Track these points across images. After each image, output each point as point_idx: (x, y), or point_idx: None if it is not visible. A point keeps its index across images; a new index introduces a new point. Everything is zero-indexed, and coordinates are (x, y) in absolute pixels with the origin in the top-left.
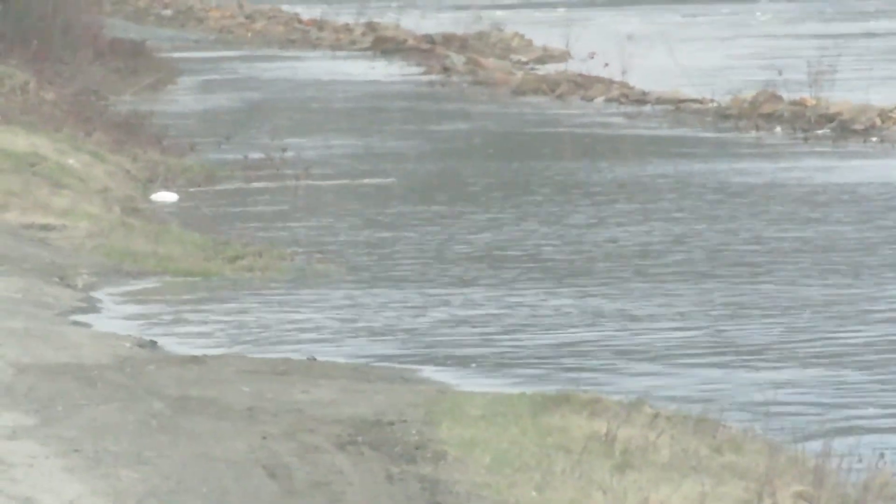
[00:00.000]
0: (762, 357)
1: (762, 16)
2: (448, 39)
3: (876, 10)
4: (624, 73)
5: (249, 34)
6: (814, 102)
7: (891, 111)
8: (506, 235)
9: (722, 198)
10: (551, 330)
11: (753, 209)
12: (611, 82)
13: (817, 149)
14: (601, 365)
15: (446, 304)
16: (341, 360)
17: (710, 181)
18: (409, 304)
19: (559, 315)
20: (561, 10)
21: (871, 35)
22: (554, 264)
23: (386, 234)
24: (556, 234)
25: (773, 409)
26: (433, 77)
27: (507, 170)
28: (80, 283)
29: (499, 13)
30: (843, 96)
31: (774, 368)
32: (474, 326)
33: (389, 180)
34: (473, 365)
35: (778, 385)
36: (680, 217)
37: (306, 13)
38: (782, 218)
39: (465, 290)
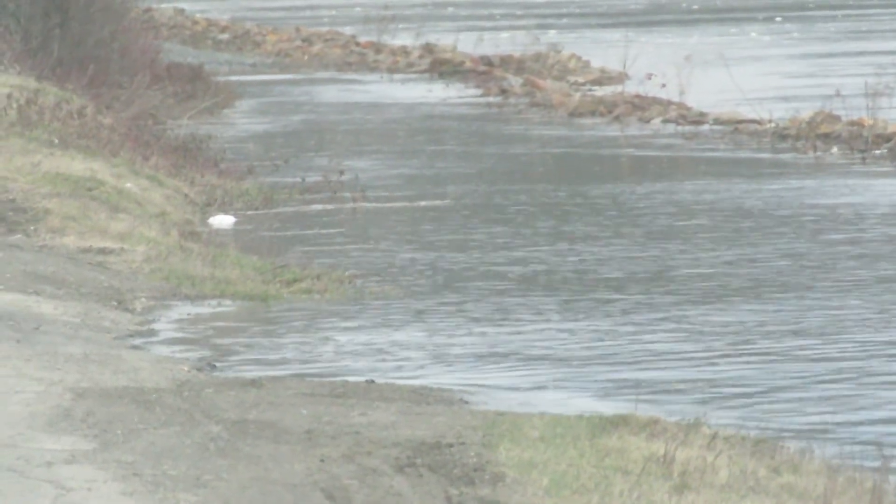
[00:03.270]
0: None
1: (758, 36)
2: (505, 61)
3: (871, 29)
4: (682, 93)
5: (306, 57)
6: (870, 122)
7: None
8: (567, 258)
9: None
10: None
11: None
12: (668, 103)
13: (874, 168)
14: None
15: (500, 326)
16: (400, 382)
17: (779, 202)
18: (467, 328)
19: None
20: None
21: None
22: (616, 287)
23: (441, 257)
24: (618, 255)
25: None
26: (490, 99)
27: (563, 192)
28: (138, 306)
29: (551, 33)
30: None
31: None
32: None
33: (446, 202)
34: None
35: None
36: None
37: (363, 35)
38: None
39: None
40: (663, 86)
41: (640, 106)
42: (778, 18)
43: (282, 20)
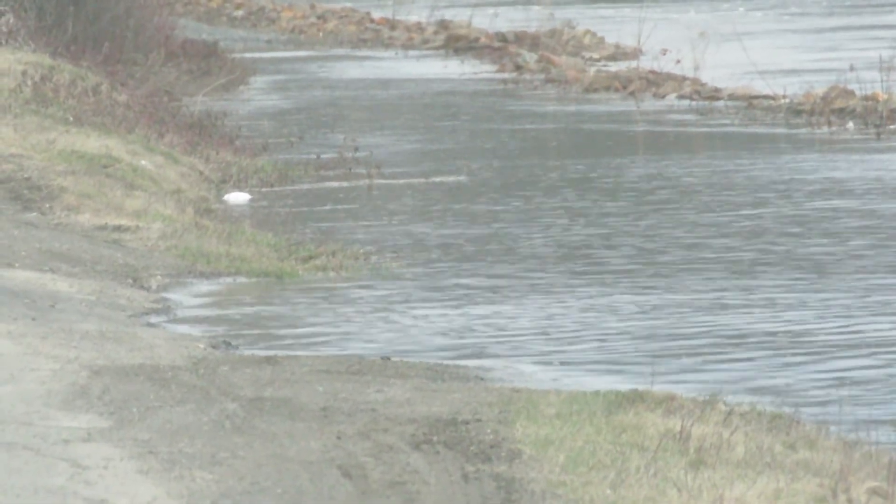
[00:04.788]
0: None
1: (745, 11)
2: (520, 37)
3: (867, 3)
4: (696, 69)
5: (321, 34)
6: (885, 97)
7: None
8: (585, 232)
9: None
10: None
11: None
12: (683, 79)
13: (890, 143)
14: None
15: (522, 304)
16: (416, 359)
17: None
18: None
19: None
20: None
21: None
22: (630, 263)
23: (458, 232)
24: (633, 231)
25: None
26: (505, 75)
27: (579, 167)
28: (153, 284)
29: (564, 9)
30: None
31: None
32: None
33: (461, 178)
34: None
35: None
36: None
37: (378, 12)
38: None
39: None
40: (678, 62)
41: (655, 82)
42: None
43: None
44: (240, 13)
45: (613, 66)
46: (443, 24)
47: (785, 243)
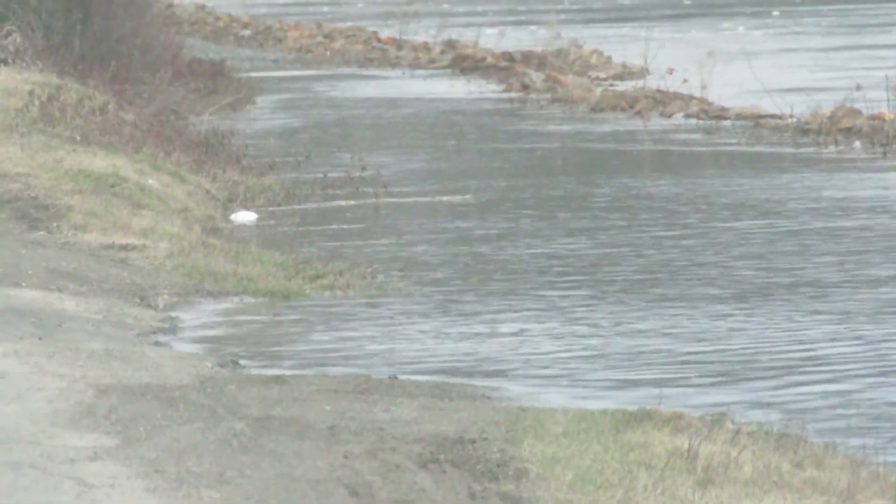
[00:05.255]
0: None
1: (745, 30)
2: (527, 57)
3: (865, 24)
4: (704, 88)
5: (328, 53)
6: (892, 117)
7: None
8: (591, 251)
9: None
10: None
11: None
12: (690, 98)
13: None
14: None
15: (528, 320)
16: (423, 377)
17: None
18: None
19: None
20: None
21: None
22: (640, 282)
23: (464, 251)
24: (638, 251)
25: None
26: (512, 95)
27: (586, 186)
28: (160, 303)
29: (568, 28)
30: None
31: None
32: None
33: (467, 197)
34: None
35: None
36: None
37: (385, 32)
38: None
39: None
40: (685, 81)
41: (662, 101)
42: (775, 13)
43: (303, 16)
44: (247, 32)
45: (620, 86)
46: (449, 44)
47: (791, 264)
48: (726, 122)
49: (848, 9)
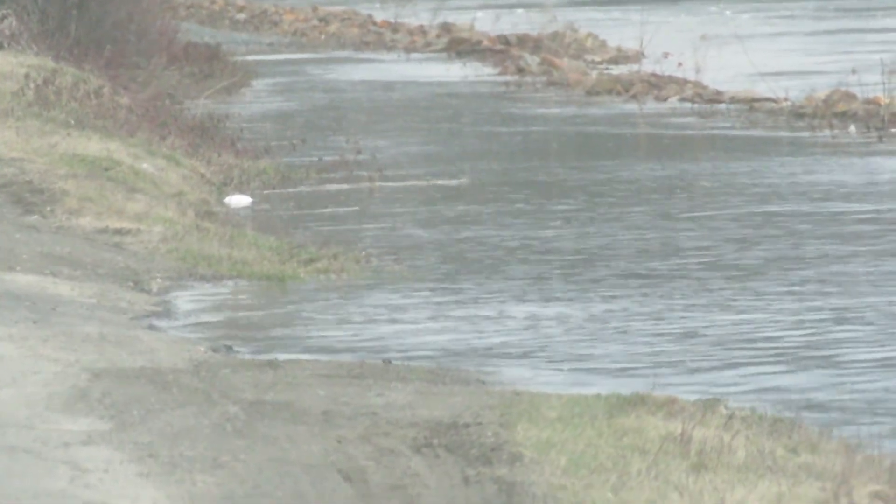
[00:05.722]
0: None
1: (731, 14)
2: (523, 40)
3: (853, 7)
4: (698, 72)
5: (323, 37)
6: (887, 101)
7: None
8: (585, 237)
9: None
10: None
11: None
12: (685, 82)
13: (892, 147)
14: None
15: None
16: (417, 362)
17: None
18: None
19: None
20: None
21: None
22: (642, 267)
23: (458, 235)
24: (635, 234)
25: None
26: (508, 78)
27: (581, 170)
28: (154, 287)
29: (562, 12)
30: None
31: None
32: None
33: (462, 181)
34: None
35: None
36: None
37: (380, 15)
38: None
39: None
40: (680, 65)
41: (657, 85)
42: None
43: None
44: (242, 16)
45: (615, 70)
46: (445, 28)
47: (789, 246)
48: (721, 106)
49: None
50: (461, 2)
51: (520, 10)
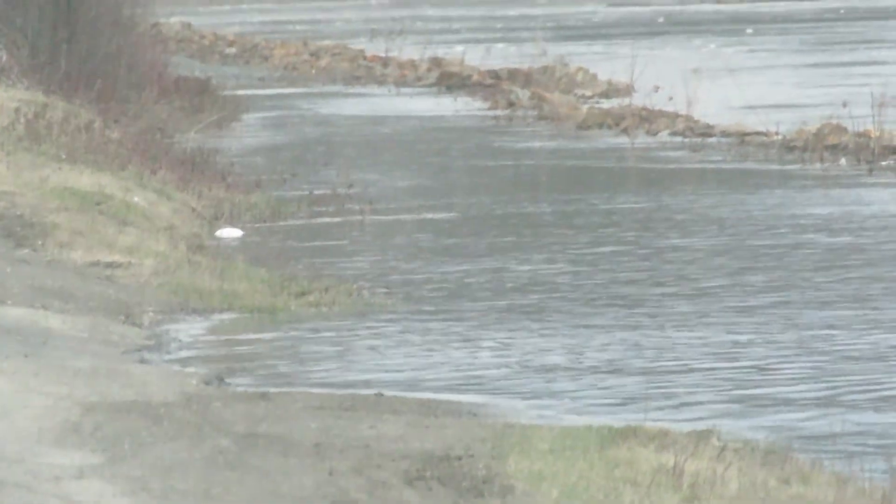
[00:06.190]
0: None
1: (716, 47)
2: (513, 74)
3: (840, 41)
4: (689, 105)
5: (314, 71)
6: (877, 134)
7: None
8: (576, 268)
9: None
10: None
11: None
12: (676, 115)
13: (882, 180)
14: None
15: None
16: (408, 394)
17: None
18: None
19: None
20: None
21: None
22: (628, 296)
23: (448, 269)
24: (624, 266)
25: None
26: (498, 112)
27: (571, 204)
28: (146, 320)
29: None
30: None
31: None
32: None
33: (452, 215)
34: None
35: None
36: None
37: (370, 49)
38: None
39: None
40: (671, 98)
41: (648, 118)
42: (749, 30)
43: (290, 34)
44: (233, 50)
45: (606, 103)
46: (435, 62)
47: (787, 278)
48: (712, 140)
49: (813, 27)
50: (447, 36)
51: (500, 45)
